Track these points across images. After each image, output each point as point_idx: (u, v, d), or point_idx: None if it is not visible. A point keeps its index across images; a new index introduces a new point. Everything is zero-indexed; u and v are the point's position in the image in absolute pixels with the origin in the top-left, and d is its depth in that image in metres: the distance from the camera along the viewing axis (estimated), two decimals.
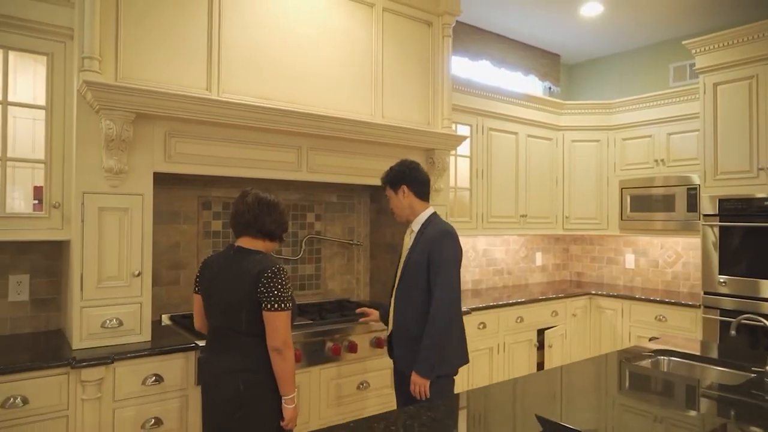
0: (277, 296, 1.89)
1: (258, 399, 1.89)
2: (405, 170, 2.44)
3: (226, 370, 1.91)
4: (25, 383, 2.05)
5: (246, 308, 1.90)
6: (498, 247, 4.66)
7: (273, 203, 2.06)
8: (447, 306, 2.24)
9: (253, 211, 2.01)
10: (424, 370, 2.19)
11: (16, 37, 2.30)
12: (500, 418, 1.51)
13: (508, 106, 4.22)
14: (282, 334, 1.89)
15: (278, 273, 1.92)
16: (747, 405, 1.64)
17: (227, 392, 1.89)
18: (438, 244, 2.29)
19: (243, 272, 1.92)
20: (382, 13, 3.22)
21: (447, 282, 2.25)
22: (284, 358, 1.89)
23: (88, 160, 2.30)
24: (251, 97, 2.71)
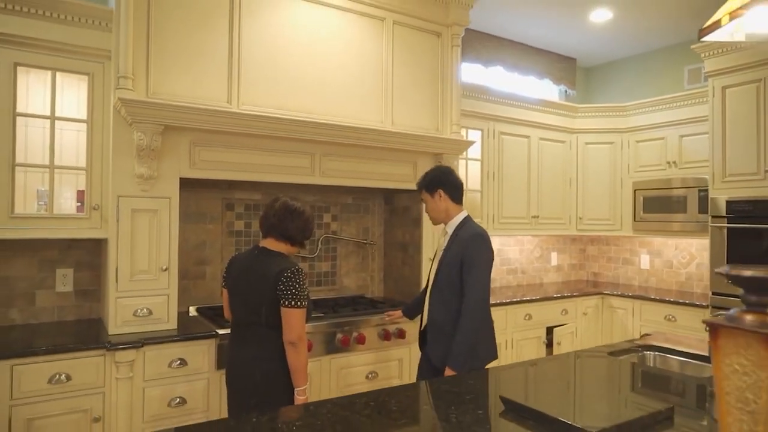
0: (295, 294, 2.08)
1: (272, 387, 2.09)
2: (441, 175, 2.60)
3: (245, 359, 2.12)
4: (68, 363, 2.37)
5: (266, 303, 2.10)
6: (512, 247, 4.80)
7: (298, 211, 2.25)
8: (478, 305, 2.39)
9: (278, 216, 2.22)
10: (457, 364, 2.33)
11: (63, 59, 2.63)
12: (469, 399, 1.69)
13: (520, 110, 4.35)
14: (297, 329, 2.08)
15: (297, 273, 2.12)
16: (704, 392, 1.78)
17: (246, 379, 2.10)
18: (471, 246, 2.44)
19: (265, 270, 2.12)
20: (392, 26, 3.43)
21: (478, 282, 2.40)
22: (298, 352, 2.09)
23: (122, 167, 2.60)
24: (268, 108, 2.97)
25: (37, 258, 2.86)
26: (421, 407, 1.63)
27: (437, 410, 1.60)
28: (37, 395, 2.30)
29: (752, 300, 0.89)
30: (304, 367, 2.11)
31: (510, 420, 1.53)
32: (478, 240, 2.50)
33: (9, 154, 2.52)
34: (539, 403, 1.60)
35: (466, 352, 2.38)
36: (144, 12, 2.63)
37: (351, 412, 1.60)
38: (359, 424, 1.49)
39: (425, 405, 1.65)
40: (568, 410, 1.63)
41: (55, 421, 2.33)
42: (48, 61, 2.60)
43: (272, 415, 1.56)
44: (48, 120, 2.64)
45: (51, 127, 2.64)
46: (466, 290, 2.44)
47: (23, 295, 2.83)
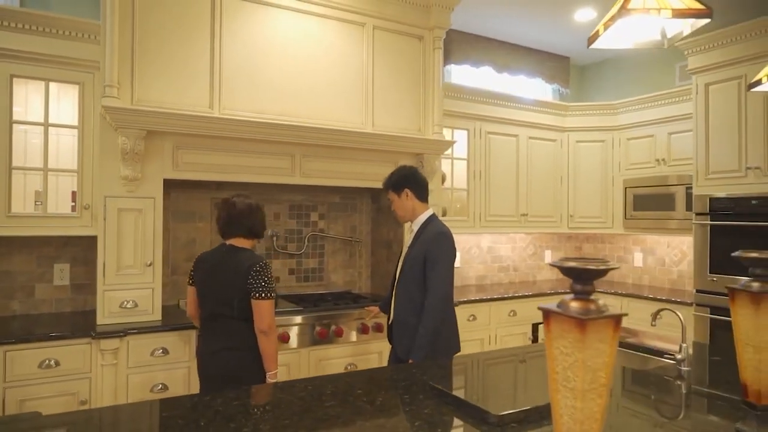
0: (263, 287, 2.24)
1: (245, 373, 2.24)
2: (407, 174, 2.70)
3: (218, 349, 2.28)
4: (58, 349, 2.57)
5: (237, 297, 2.26)
6: (503, 245, 4.86)
7: (257, 207, 2.42)
8: (440, 299, 2.50)
9: (244, 215, 2.38)
10: (419, 356, 2.45)
11: (55, 71, 2.84)
12: (403, 385, 1.81)
13: (508, 110, 4.42)
14: (267, 319, 2.24)
15: (265, 267, 2.28)
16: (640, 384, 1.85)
17: (220, 369, 2.25)
18: (434, 243, 2.55)
19: (235, 266, 2.28)
20: (372, 31, 3.55)
21: (441, 279, 2.51)
22: (269, 339, 2.26)
23: (108, 169, 2.80)
24: (249, 112, 3.12)
25: (35, 254, 3.09)
26: (354, 392, 1.75)
27: (367, 395, 1.72)
28: (28, 379, 2.51)
29: (578, 288, 0.99)
30: (275, 353, 2.29)
31: (429, 404, 1.64)
32: (441, 238, 2.61)
33: (6, 158, 2.74)
34: (467, 391, 1.71)
35: (428, 345, 2.49)
36: (129, 25, 2.81)
37: (287, 394, 1.73)
38: (287, 404, 1.63)
39: (359, 390, 1.77)
40: (489, 397, 1.74)
41: (45, 402, 2.54)
42: (42, 72, 2.82)
43: (239, 393, 1.71)
44: (42, 126, 2.86)
45: (44, 133, 2.86)
46: (429, 286, 2.55)
47: (23, 288, 3.06)
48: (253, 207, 2.41)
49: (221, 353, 2.27)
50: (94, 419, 1.59)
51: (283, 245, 3.80)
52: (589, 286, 0.98)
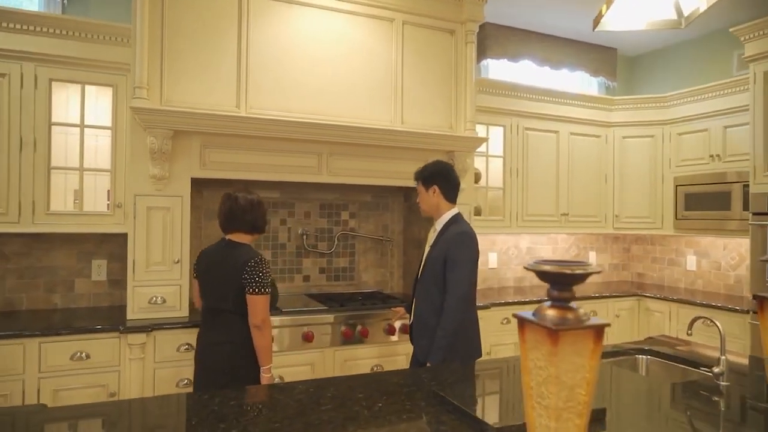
0: (258, 282, 2.26)
1: (240, 366, 2.26)
2: (439, 171, 2.63)
3: (214, 341, 2.31)
4: (88, 343, 2.67)
5: (233, 291, 2.28)
6: (544, 246, 4.67)
7: (258, 203, 2.43)
8: (459, 301, 2.42)
9: (245, 210, 2.39)
10: (436, 359, 2.38)
11: (90, 74, 2.95)
12: (407, 391, 1.73)
13: (548, 105, 4.23)
14: (261, 314, 2.25)
15: (260, 263, 2.29)
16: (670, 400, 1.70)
17: (215, 360, 2.28)
18: (455, 243, 2.48)
19: (233, 261, 2.31)
20: (402, 26, 3.48)
21: (460, 279, 2.43)
22: (263, 334, 2.27)
23: (138, 168, 2.87)
24: (275, 111, 3.13)
25: (75, 250, 3.23)
26: (355, 396, 1.70)
27: (367, 400, 1.67)
28: (60, 370, 2.62)
29: (554, 295, 0.89)
30: (269, 347, 2.29)
31: (430, 412, 1.57)
32: (462, 238, 2.52)
33: (45, 158, 2.87)
34: (472, 399, 1.62)
35: (446, 347, 2.41)
36: (158, 27, 2.88)
37: (285, 396, 1.71)
38: (283, 406, 1.60)
39: (360, 394, 1.72)
40: (493, 407, 1.64)
41: (76, 393, 2.64)
42: (78, 76, 2.94)
43: (237, 393, 1.71)
44: (79, 128, 2.98)
45: (81, 134, 2.97)
46: (448, 287, 2.47)
47: (64, 282, 3.20)
48: (255, 203, 2.42)
49: (217, 346, 2.30)
50: (93, 414, 1.62)
51: (313, 244, 3.80)
52: (567, 292, 0.88)
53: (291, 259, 3.74)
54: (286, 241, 3.73)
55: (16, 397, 2.55)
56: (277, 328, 2.97)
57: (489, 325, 3.62)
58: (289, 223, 3.75)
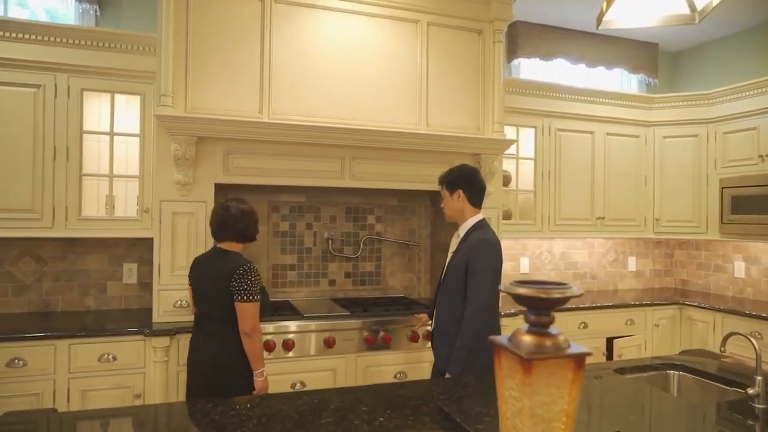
0: (246, 290, 2.25)
1: (231, 372, 2.26)
2: (464, 175, 2.56)
3: (206, 349, 2.32)
4: (115, 345, 2.74)
5: (222, 298, 2.28)
6: (579, 250, 4.49)
7: (249, 212, 2.41)
8: (479, 310, 2.34)
9: (236, 219, 2.38)
10: (455, 369, 2.32)
11: (119, 83, 3.04)
12: (413, 404, 1.68)
13: (582, 104, 4.07)
14: (250, 321, 2.25)
15: (248, 270, 2.28)
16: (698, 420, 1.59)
17: (207, 367, 2.29)
18: (475, 250, 2.41)
19: (222, 269, 2.30)
20: (426, 27, 3.42)
21: (481, 287, 2.36)
22: (253, 341, 2.27)
23: (163, 174, 2.93)
24: (298, 116, 3.14)
25: (108, 254, 3.33)
26: (359, 409, 1.66)
27: (370, 413, 1.63)
28: (89, 371, 2.70)
29: (531, 319, 0.82)
30: (259, 353, 2.30)
31: (434, 428, 1.51)
32: (483, 245, 2.44)
33: (77, 165, 2.97)
34: (478, 417, 1.56)
35: (465, 358, 2.34)
36: (183, 36, 2.93)
37: (288, 406, 1.69)
38: (283, 417, 1.58)
39: (364, 407, 1.68)
40: None
41: (103, 393, 2.72)
42: (108, 85, 3.03)
43: (224, 402, 1.71)
44: (108, 135, 3.07)
45: (110, 142, 3.07)
46: (469, 295, 2.40)
47: (97, 285, 3.31)
48: (245, 212, 2.41)
49: (207, 352, 2.32)
50: (93, 418, 1.65)
51: (339, 248, 3.79)
52: (545, 317, 0.81)
53: (317, 264, 3.74)
54: (311, 246, 3.74)
55: (47, 397, 2.65)
56: (298, 333, 2.97)
57: None
58: (314, 227, 3.75)
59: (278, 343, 2.95)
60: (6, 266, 3.16)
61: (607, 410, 1.78)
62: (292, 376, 2.96)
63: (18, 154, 2.89)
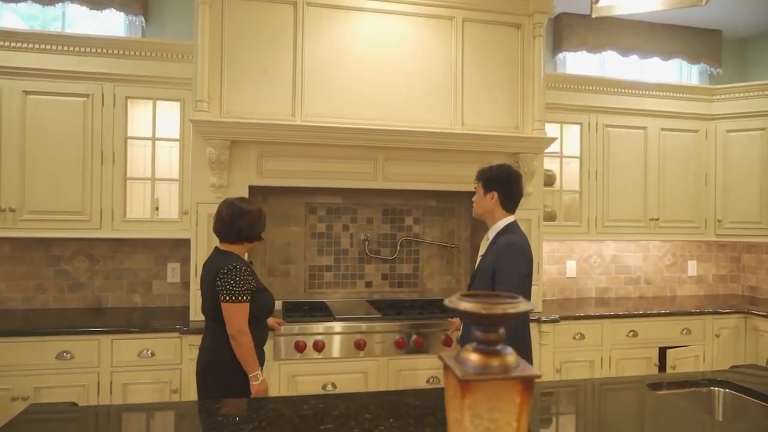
0: (229, 290, 2.21)
1: (219, 373, 2.24)
2: (504, 177, 2.45)
3: (202, 347, 2.35)
4: (154, 341, 2.87)
5: (211, 299, 2.28)
6: (632, 253, 4.23)
7: (246, 212, 2.36)
8: None
9: (227, 221, 2.35)
10: None
11: (160, 90, 3.17)
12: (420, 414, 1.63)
13: (633, 98, 3.82)
14: (235, 323, 2.22)
15: (232, 270, 2.24)
16: None
17: (200, 366, 2.31)
18: (503, 254, 2.33)
19: (211, 269, 2.30)
20: (461, 24, 3.34)
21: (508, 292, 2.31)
22: (239, 343, 2.22)
23: (199, 177, 3.03)
24: (330, 118, 3.15)
25: (153, 253, 3.49)
26: (362, 416, 1.63)
27: (372, 421, 1.60)
28: (129, 365, 2.84)
29: (478, 336, 0.76)
30: (248, 356, 2.23)
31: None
32: (510, 249, 2.35)
33: (122, 169, 3.13)
34: None
35: None
36: (218, 43, 3.02)
37: (291, 410, 1.68)
38: (284, 422, 1.58)
39: (368, 414, 1.65)
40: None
41: (143, 387, 2.85)
42: (150, 93, 3.17)
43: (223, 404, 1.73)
44: (150, 141, 3.21)
45: (152, 146, 3.21)
46: None
47: (143, 283, 3.47)
48: (239, 213, 2.35)
49: (203, 351, 2.34)
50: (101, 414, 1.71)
51: (375, 250, 3.77)
52: (493, 333, 0.75)
53: (353, 265, 3.74)
54: (348, 247, 3.74)
55: (92, 389, 2.81)
56: (328, 335, 2.98)
57: (559, 340, 3.36)
58: (351, 228, 3.75)
59: (308, 343, 2.97)
60: (62, 264, 3.38)
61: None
62: (323, 377, 2.97)
63: (69, 159, 3.08)
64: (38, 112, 3.05)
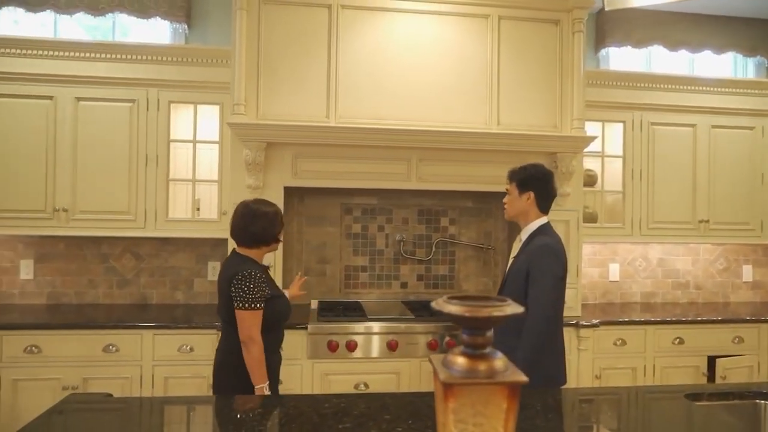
0: (243, 297, 2.18)
1: (230, 376, 2.24)
2: (540, 177, 2.41)
3: (217, 348, 2.35)
4: (192, 337, 2.97)
5: (226, 303, 2.26)
6: (680, 257, 4.03)
7: (258, 213, 2.31)
8: (539, 321, 2.21)
9: (240, 224, 2.32)
10: None
11: (201, 94, 3.28)
12: None
13: (681, 94, 3.64)
14: (246, 330, 2.18)
15: (247, 277, 2.20)
16: None
17: (216, 365, 2.32)
18: (536, 256, 2.28)
19: (226, 273, 2.28)
20: (497, 22, 3.28)
21: (541, 297, 2.22)
22: (249, 351, 2.18)
23: (236, 179, 3.11)
24: (364, 119, 3.17)
25: (195, 252, 3.61)
26: (381, 416, 1.64)
27: (391, 422, 1.59)
28: (169, 359, 2.95)
29: (465, 339, 0.75)
30: (256, 367, 2.18)
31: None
32: (543, 251, 2.30)
33: (164, 171, 3.26)
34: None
35: (525, 371, 2.20)
36: (255, 47, 3.09)
37: (312, 409, 1.71)
38: (303, 420, 1.60)
39: (387, 415, 1.65)
40: None
41: (182, 381, 2.95)
42: (191, 97, 3.29)
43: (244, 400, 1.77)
44: (191, 143, 3.33)
45: (193, 149, 3.32)
46: (529, 305, 2.26)
47: (185, 281, 3.60)
48: (254, 215, 2.31)
49: (218, 351, 2.33)
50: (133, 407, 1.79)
51: (410, 250, 3.76)
52: (480, 337, 0.73)
53: (388, 266, 3.75)
54: (383, 248, 3.75)
55: (135, 381, 2.94)
56: (360, 335, 3.00)
57: (599, 345, 3.25)
58: (386, 229, 3.76)
59: (341, 343, 3.00)
60: (111, 262, 3.56)
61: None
62: (355, 377, 2.99)
63: (116, 162, 3.23)
64: (88, 118, 3.21)
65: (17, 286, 3.49)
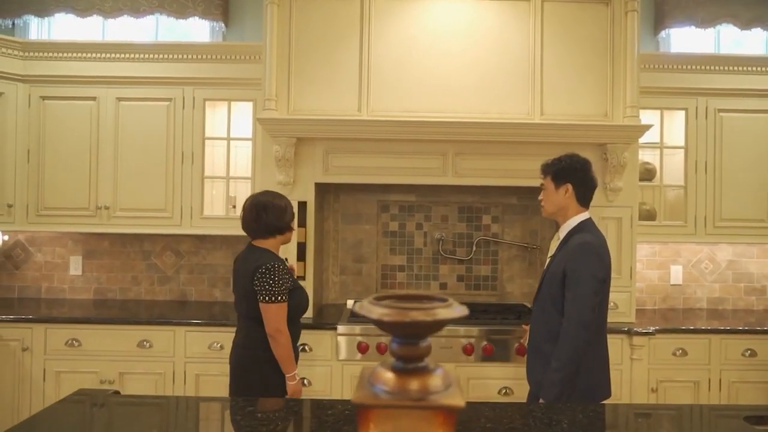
0: (268, 290, 2.15)
1: (253, 372, 2.20)
2: (577, 167, 2.22)
3: (236, 344, 2.31)
4: (222, 335, 2.94)
5: (247, 297, 2.23)
6: (754, 259, 3.60)
7: (269, 203, 2.30)
8: (577, 327, 2.02)
9: (251, 216, 2.31)
10: (550, 395, 2.02)
11: (234, 91, 3.27)
12: None
13: (753, 77, 3.25)
14: (273, 323, 2.17)
15: (270, 270, 2.18)
16: None
17: (233, 363, 2.28)
18: (574, 255, 2.10)
19: (247, 267, 2.25)
20: (541, 4, 3.05)
21: (580, 301, 2.04)
22: (278, 343, 2.18)
23: (267, 175, 3.07)
24: (397, 111, 3.03)
25: (231, 250, 3.61)
26: None
27: None
28: (200, 356, 2.96)
29: (394, 349, 0.61)
30: (287, 356, 2.20)
31: None
32: (584, 250, 2.10)
33: (199, 168, 3.27)
34: None
35: (561, 383, 2.01)
36: (286, 42, 3.03)
37: (324, 412, 1.61)
38: (312, 423, 1.51)
39: None
40: None
41: (212, 379, 2.94)
42: (225, 94, 3.29)
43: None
44: (225, 140, 3.33)
45: (227, 146, 3.32)
46: (567, 309, 2.07)
47: (222, 278, 3.61)
48: (264, 205, 2.29)
49: (236, 350, 2.30)
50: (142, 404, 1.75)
51: (450, 250, 3.59)
52: (411, 346, 0.59)
53: (426, 265, 3.60)
54: (422, 246, 3.60)
55: (168, 378, 2.96)
56: None
57: (656, 355, 2.95)
58: (425, 227, 3.61)
59: (371, 345, 2.88)
60: (152, 259, 3.63)
61: None
62: None
63: (154, 160, 3.28)
64: (128, 117, 3.28)
65: (67, 282, 3.63)
